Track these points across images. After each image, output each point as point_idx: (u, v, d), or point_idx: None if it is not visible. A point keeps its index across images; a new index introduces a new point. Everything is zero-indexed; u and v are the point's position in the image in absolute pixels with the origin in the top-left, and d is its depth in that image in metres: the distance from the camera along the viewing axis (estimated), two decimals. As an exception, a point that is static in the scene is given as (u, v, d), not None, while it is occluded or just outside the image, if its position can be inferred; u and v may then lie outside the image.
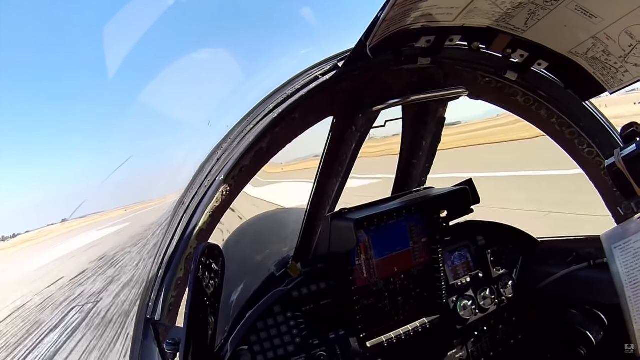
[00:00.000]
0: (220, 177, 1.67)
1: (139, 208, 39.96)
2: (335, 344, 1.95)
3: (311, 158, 24.05)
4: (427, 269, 2.17)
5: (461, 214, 2.18)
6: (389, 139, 14.08)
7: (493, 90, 2.00)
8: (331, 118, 1.86)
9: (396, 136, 2.32)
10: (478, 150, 18.35)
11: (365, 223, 1.98)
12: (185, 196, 1.77)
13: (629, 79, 1.61)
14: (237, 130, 1.74)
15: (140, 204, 42.51)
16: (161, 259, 1.72)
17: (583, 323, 2.03)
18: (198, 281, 1.35)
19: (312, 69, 1.75)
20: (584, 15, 1.45)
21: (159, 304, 1.64)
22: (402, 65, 1.77)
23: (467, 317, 2.17)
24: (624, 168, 1.61)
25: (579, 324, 2.04)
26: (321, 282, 1.99)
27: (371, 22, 1.42)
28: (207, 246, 1.41)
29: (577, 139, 2.05)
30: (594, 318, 2.02)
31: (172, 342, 1.41)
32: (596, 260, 2.05)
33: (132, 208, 43.84)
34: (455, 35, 1.68)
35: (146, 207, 34.58)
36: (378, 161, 12.19)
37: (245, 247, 2.99)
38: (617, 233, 1.77)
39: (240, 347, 1.80)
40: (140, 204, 43.09)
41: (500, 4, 1.49)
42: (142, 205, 40.43)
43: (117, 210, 52.79)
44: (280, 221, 3.22)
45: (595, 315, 2.02)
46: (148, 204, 33.92)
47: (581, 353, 2.01)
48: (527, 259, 2.36)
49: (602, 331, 1.98)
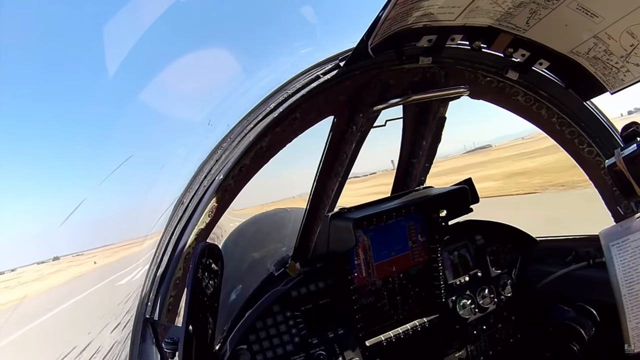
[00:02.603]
0: (219, 177, 1.66)
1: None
2: (335, 343, 1.95)
3: (291, 198, 22.51)
4: (426, 269, 2.17)
5: (460, 214, 2.18)
6: (374, 179, 12.41)
7: (494, 89, 2.00)
8: (331, 117, 1.86)
9: (387, 173, 2.31)
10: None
11: (364, 222, 1.98)
12: (184, 196, 1.76)
13: (630, 78, 1.61)
14: (237, 130, 1.73)
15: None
16: (160, 258, 1.71)
17: (576, 319, 2.06)
18: (197, 281, 1.34)
19: (313, 68, 1.74)
20: (585, 14, 1.44)
21: (158, 304, 1.64)
22: (404, 64, 1.76)
23: (466, 316, 2.17)
24: (625, 168, 1.61)
25: (571, 320, 2.06)
26: (320, 282, 1.99)
27: (372, 22, 1.41)
28: (206, 246, 1.40)
29: (577, 138, 2.05)
30: (586, 314, 2.05)
31: (171, 342, 1.40)
32: (595, 260, 2.06)
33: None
34: (456, 35, 1.68)
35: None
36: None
37: (244, 246, 2.99)
38: (616, 231, 1.78)
39: (239, 347, 1.80)
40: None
41: (501, 3, 1.48)
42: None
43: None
44: (279, 221, 3.22)
45: (587, 312, 2.05)
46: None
47: (574, 349, 2.03)
48: (526, 258, 2.37)
49: (594, 327, 2.01)
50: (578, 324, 2.04)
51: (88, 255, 40.10)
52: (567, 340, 2.06)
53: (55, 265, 39.20)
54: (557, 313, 2.14)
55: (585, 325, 2.02)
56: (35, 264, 39.06)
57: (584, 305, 2.06)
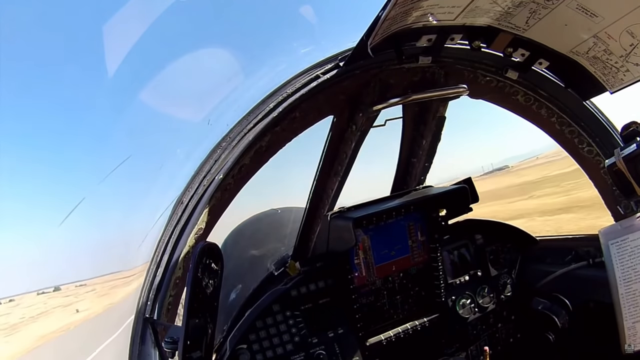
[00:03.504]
0: (219, 176, 1.66)
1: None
2: (334, 343, 1.95)
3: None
4: (426, 268, 2.17)
5: (460, 213, 2.18)
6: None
7: (494, 89, 1.99)
8: (331, 117, 1.86)
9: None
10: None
11: (364, 222, 1.98)
12: (184, 195, 1.76)
13: (629, 78, 1.61)
14: (237, 129, 1.73)
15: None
16: (159, 258, 1.70)
17: (550, 308, 2.14)
18: (197, 280, 1.34)
19: (313, 68, 1.74)
20: (585, 14, 1.44)
21: (157, 303, 1.64)
22: (403, 64, 1.76)
23: (466, 315, 2.18)
24: (625, 168, 1.62)
25: (547, 309, 2.14)
26: (320, 281, 1.99)
27: (372, 21, 1.41)
28: (206, 245, 1.40)
29: (577, 137, 2.05)
30: (560, 304, 2.12)
31: (171, 341, 1.40)
32: (595, 259, 2.06)
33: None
34: (456, 34, 1.68)
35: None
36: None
37: (244, 246, 2.98)
38: (616, 230, 1.78)
39: (239, 346, 1.80)
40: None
41: (501, 3, 1.48)
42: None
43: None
44: (279, 220, 3.21)
45: (561, 301, 2.12)
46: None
47: (549, 338, 2.14)
48: (526, 258, 2.37)
49: (568, 316, 2.09)
50: (553, 313, 2.12)
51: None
52: (543, 330, 2.15)
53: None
54: (533, 304, 2.22)
55: (559, 314, 2.11)
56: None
57: (557, 296, 2.14)
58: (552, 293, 2.16)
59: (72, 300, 28.07)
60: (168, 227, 1.75)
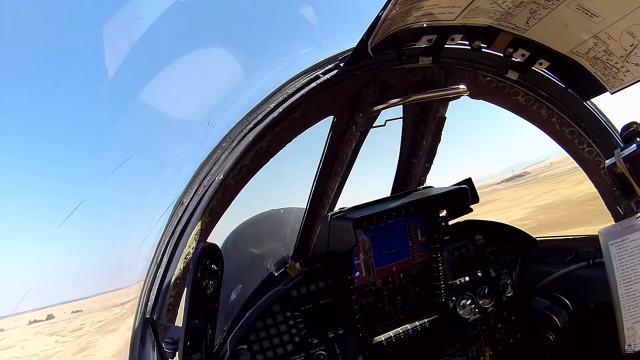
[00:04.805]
0: (219, 177, 1.66)
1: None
2: (335, 343, 1.95)
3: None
4: (426, 268, 2.17)
5: (460, 214, 2.18)
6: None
7: (494, 89, 1.99)
8: (331, 118, 1.86)
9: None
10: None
11: (364, 222, 1.98)
12: (184, 196, 1.76)
13: (630, 78, 1.61)
14: (237, 130, 1.73)
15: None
16: (160, 258, 1.71)
17: (552, 309, 2.14)
18: (197, 281, 1.34)
19: (313, 68, 1.74)
20: (585, 14, 1.44)
21: (158, 304, 1.64)
22: (403, 64, 1.76)
23: (466, 316, 2.17)
24: (625, 168, 1.62)
25: (548, 310, 2.15)
26: (320, 282, 1.99)
27: (372, 21, 1.41)
28: (206, 246, 1.40)
29: (577, 138, 2.05)
30: (560, 304, 2.13)
31: (171, 342, 1.41)
32: (595, 259, 2.06)
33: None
34: (456, 35, 1.68)
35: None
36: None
37: (244, 246, 2.97)
38: (616, 230, 1.78)
39: (239, 347, 1.80)
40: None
41: (501, 3, 1.48)
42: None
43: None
44: (279, 221, 3.20)
45: (561, 302, 2.13)
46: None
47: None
48: (526, 258, 2.37)
49: (568, 316, 2.09)
50: (553, 313, 2.12)
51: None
52: (543, 330, 2.14)
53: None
54: (533, 304, 2.23)
55: (559, 314, 2.11)
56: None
57: (557, 296, 2.14)
58: (552, 293, 2.16)
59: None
60: (168, 227, 1.75)
